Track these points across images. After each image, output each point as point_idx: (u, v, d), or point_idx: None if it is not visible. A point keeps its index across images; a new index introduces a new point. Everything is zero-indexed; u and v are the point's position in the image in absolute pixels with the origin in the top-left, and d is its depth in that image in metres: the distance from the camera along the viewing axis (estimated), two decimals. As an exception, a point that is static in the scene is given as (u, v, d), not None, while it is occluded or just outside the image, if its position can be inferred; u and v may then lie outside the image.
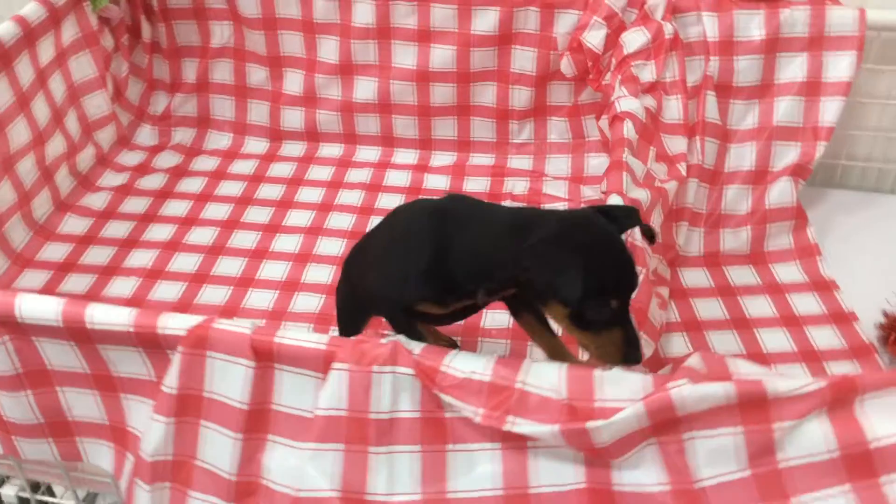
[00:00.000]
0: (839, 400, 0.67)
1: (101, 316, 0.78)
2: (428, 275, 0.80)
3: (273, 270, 1.32)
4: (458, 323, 0.96)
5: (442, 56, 1.47)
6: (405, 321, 0.85)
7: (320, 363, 0.75)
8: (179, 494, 0.81)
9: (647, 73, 1.30)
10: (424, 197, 0.87)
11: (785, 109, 1.34)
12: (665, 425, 0.69)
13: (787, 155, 1.34)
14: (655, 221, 1.12)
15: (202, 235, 1.40)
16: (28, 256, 1.32)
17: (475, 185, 1.50)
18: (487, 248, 0.78)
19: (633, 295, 0.77)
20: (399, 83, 1.51)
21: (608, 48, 1.35)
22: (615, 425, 0.68)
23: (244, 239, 1.39)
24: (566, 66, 1.41)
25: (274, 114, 1.61)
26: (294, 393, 0.77)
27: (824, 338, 1.19)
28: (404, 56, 1.50)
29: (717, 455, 0.69)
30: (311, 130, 1.60)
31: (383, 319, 0.94)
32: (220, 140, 1.64)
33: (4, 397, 0.87)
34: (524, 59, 1.47)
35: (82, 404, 0.87)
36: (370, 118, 1.56)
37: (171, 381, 0.78)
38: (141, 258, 1.35)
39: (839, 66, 1.32)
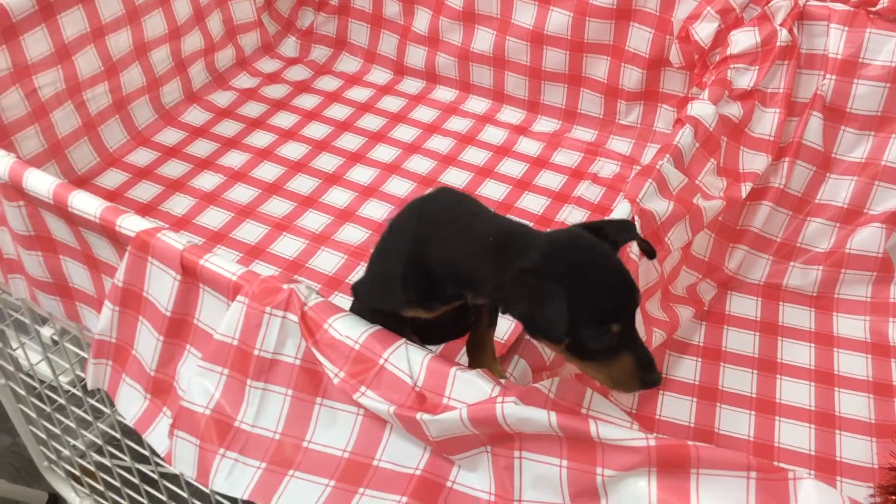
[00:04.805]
0: (671, 465, 0.63)
1: (78, 202, 0.88)
2: (409, 277, 0.76)
3: (337, 197, 1.38)
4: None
5: (558, 20, 1.44)
6: (397, 331, 0.78)
7: (230, 291, 0.80)
8: (116, 374, 0.91)
9: (746, 79, 1.20)
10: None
11: (900, 150, 1.19)
12: (498, 437, 0.68)
13: (888, 199, 1.20)
14: (678, 238, 1.05)
15: (293, 150, 1.49)
16: (117, 156, 1.45)
17: (564, 158, 1.46)
18: (465, 262, 0.73)
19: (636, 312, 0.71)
20: (514, 40, 1.50)
21: (717, 44, 1.26)
22: (440, 423, 0.68)
23: (327, 162, 1.46)
24: (674, 54, 1.33)
25: (401, 48, 1.65)
26: (211, 312, 0.83)
27: (853, 406, 1.08)
28: (523, 14, 1.47)
29: (541, 481, 0.68)
30: (430, 71, 1.63)
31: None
32: (350, 64, 1.71)
33: (23, 253, 1.00)
34: (640, 39, 1.40)
35: (78, 275, 0.99)
36: (484, 70, 1.56)
37: (119, 274, 0.87)
38: (234, 159, 1.46)
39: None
